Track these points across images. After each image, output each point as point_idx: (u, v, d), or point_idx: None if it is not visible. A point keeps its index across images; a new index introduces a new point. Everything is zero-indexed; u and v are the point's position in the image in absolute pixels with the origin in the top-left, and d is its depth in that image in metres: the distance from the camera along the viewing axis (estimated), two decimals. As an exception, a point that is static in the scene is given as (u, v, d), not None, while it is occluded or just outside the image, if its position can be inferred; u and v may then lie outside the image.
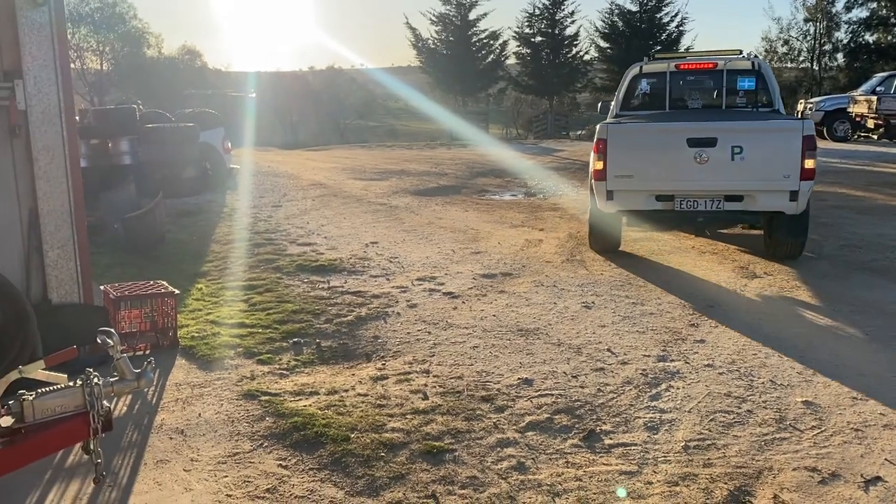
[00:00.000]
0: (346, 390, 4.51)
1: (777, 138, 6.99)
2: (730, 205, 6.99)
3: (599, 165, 7.17)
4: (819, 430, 3.95)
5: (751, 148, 6.82)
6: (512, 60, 40.70)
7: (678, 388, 4.50)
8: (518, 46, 39.69)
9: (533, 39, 39.29)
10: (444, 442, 3.85)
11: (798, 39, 43.14)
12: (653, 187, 7.16)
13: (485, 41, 39.73)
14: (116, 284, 5.59)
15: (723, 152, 6.84)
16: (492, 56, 40.00)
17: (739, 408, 4.22)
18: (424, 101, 40.29)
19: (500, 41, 39.76)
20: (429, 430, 3.98)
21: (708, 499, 3.31)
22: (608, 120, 8.06)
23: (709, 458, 3.66)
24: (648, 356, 5.03)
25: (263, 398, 4.39)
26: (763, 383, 4.56)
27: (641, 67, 9.01)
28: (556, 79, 38.65)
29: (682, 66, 8.83)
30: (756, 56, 9.10)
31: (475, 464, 3.64)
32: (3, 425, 2.69)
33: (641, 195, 7.21)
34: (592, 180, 7.44)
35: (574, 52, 39.40)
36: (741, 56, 8.81)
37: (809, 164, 6.70)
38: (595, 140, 7.27)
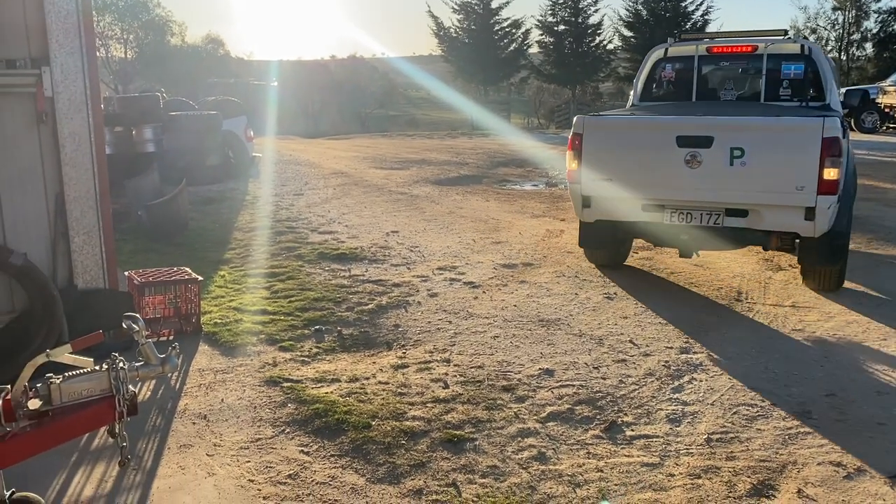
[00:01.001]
0: (367, 378, 4.53)
1: (788, 139, 5.55)
2: (732, 220, 5.70)
3: (573, 165, 6.11)
4: (844, 425, 3.90)
5: (754, 150, 5.48)
6: (534, 49, 40.43)
7: (701, 381, 4.46)
8: (541, 35, 39.42)
9: (556, 28, 38.98)
10: (464, 431, 3.85)
11: (826, 28, 42.44)
12: (636, 194, 5.93)
13: (507, 30, 39.50)
14: (141, 270, 5.65)
15: (719, 155, 5.55)
16: (514, 45, 39.76)
17: (763, 401, 4.18)
18: (445, 90, 40.18)
19: (523, 30, 39.51)
20: (449, 418, 3.98)
21: (731, 492, 3.28)
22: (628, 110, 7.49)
23: (732, 452, 3.63)
24: (671, 348, 4.99)
25: (285, 385, 4.42)
26: (787, 376, 4.51)
27: (666, 50, 7.66)
28: (578, 68, 38.36)
29: (714, 50, 7.40)
30: (806, 38, 7.56)
31: (496, 453, 3.64)
32: (31, 408, 2.73)
33: (624, 203, 5.99)
34: (567, 182, 6.42)
35: (597, 40, 39.06)
36: (787, 38, 7.32)
37: (830, 173, 5.32)
38: (570, 134, 6.22)
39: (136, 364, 2.88)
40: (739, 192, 5.63)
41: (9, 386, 2.78)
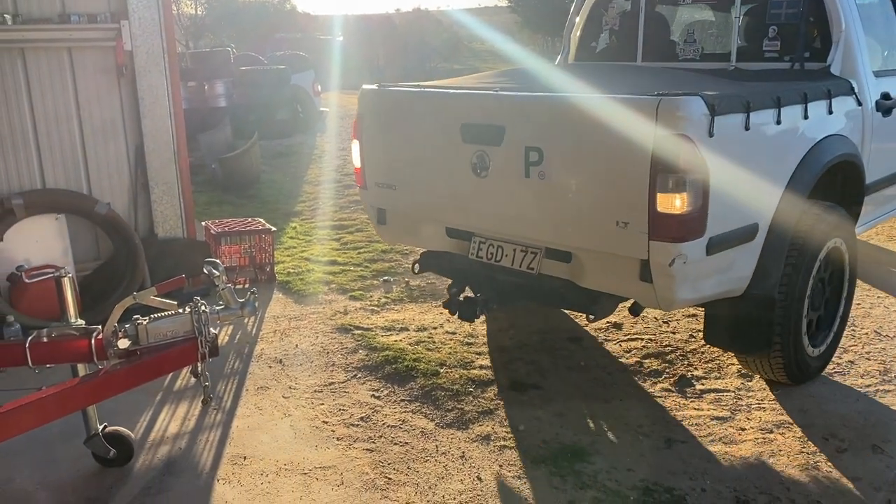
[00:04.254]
0: (435, 328, 4.60)
1: (598, 137, 3.07)
2: (551, 267, 3.46)
3: (357, 162, 4.12)
4: (927, 384, 3.77)
5: (554, 154, 3.21)
6: (604, -2, 39.23)
7: (774, 336, 4.36)
8: (611, -17, 38.22)
9: (627, -25, 37.72)
10: (531, 380, 3.89)
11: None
12: (430, 214, 3.92)
13: (576, -23, 38.43)
14: (217, 221, 5.83)
15: (512, 159, 3.32)
16: (583, -7, 38.68)
17: (840, 358, 4.06)
18: (511, 42, 39.45)
19: (593, -23, 38.38)
20: (516, 368, 4.02)
21: (804, 447, 3.23)
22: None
23: (805, 407, 3.56)
24: (743, 303, 4.88)
25: (356, 332, 4.53)
26: (867, 334, 4.36)
27: None
28: (650, 17, 37.13)
29: None
30: None
31: (562, 402, 3.66)
32: (120, 347, 2.88)
33: (425, 224, 3.97)
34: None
35: (671, -11, 37.65)
36: None
37: (673, 201, 2.89)
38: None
39: (217, 308, 3.00)
40: (539, 224, 3.39)
41: (100, 327, 2.95)
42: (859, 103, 4.02)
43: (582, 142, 3.16)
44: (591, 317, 3.45)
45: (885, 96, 4.28)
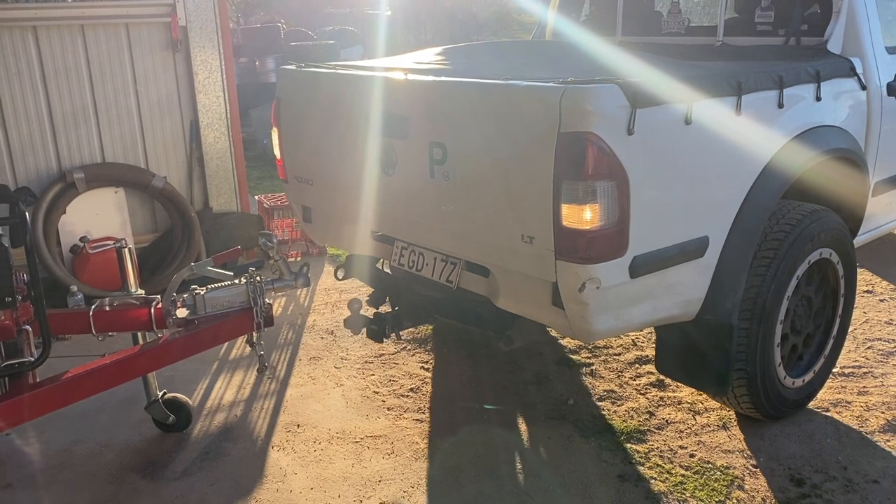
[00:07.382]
0: (484, 302, 4.60)
1: (501, 132, 2.56)
2: (470, 281, 2.94)
3: (277, 151, 3.70)
4: None
5: (458, 154, 2.71)
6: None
7: (833, 314, 4.25)
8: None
9: (681, -56, 36.61)
10: (581, 356, 3.87)
11: None
12: (348, 214, 3.35)
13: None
14: (269, 195, 5.92)
15: (417, 156, 2.85)
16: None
17: (902, 337, 3.95)
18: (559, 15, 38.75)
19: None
20: (565, 344, 4.01)
21: (862, 426, 3.16)
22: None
23: (864, 387, 3.47)
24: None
25: (405, 305, 4.56)
26: (931, 312, 4.23)
27: None
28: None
29: None
30: None
31: (613, 378, 3.65)
32: (179, 316, 2.96)
33: (349, 225, 3.42)
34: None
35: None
36: None
37: (579, 214, 2.34)
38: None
39: (271, 279, 3.06)
40: (447, 232, 2.86)
41: (159, 296, 3.03)
42: (863, 87, 3.39)
43: (483, 138, 2.61)
44: (504, 344, 3.03)
45: None
